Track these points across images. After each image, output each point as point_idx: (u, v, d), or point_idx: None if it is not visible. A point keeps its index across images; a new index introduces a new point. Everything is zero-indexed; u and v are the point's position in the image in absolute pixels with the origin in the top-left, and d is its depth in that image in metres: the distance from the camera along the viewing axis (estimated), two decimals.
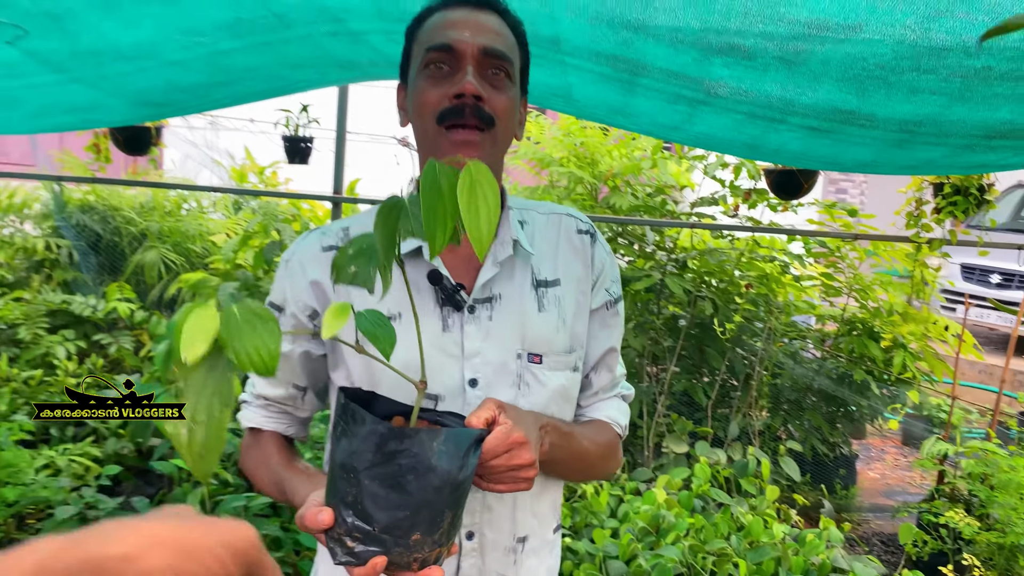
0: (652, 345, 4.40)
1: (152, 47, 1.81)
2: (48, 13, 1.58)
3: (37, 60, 1.82)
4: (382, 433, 0.85)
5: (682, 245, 4.53)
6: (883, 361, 4.40)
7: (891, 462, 5.71)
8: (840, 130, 1.73)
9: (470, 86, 1.08)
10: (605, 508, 3.35)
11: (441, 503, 0.87)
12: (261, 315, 0.71)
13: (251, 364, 0.70)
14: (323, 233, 1.24)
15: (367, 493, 0.85)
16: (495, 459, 0.96)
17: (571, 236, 1.27)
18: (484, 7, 1.16)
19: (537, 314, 1.19)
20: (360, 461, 0.85)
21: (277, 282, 1.24)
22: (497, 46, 1.13)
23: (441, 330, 1.15)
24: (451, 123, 1.10)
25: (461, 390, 1.15)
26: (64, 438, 3.84)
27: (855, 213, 4.27)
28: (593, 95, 1.91)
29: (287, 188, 5.32)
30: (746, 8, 1.30)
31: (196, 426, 0.72)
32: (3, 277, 4.50)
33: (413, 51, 1.19)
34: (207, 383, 0.72)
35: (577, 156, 4.54)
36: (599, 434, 1.27)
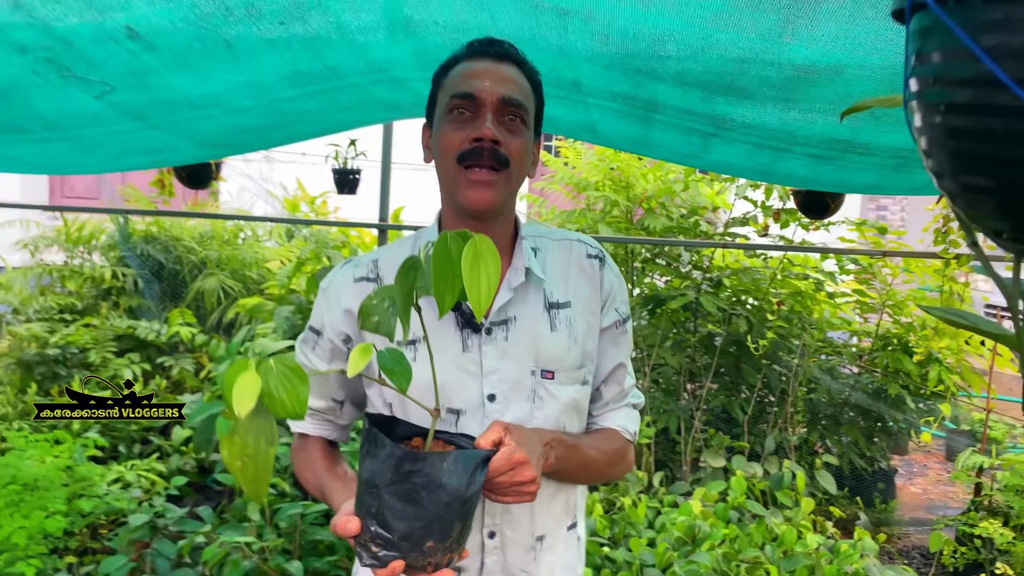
0: (689, 363, 4.53)
1: (219, 97, 2.04)
2: (133, 72, 1.81)
3: (120, 111, 2.06)
4: (399, 456, 1.00)
5: (716, 264, 4.66)
6: (918, 375, 4.47)
7: (933, 477, 5.72)
8: (841, 157, 1.88)
9: (488, 131, 1.21)
10: (643, 519, 3.47)
11: (451, 516, 1.02)
12: (294, 370, 0.89)
13: (285, 411, 0.88)
14: (355, 265, 1.37)
15: (387, 506, 1.01)
16: (500, 477, 1.09)
17: (581, 261, 1.38)
18: (504, 59, 1.29)
19: (549, 334, 1.31)
20: (381, 479, 1.01)
21: (316, 308, 1.38)
22: (514, 95, 1.25)
23: (461, 350, 1.27)
24: (470, 163, 1.23)
25: (481, 404, 1.26)
26: (131, 454, 4.10)
27: (885, 231, 4.37)
28: (614, 129, 2.08)
29: (336, 216, 5.58)
30: (741, 56, 1.47)
31: (247, 460, 0.89)
32: (74, 304, 4.81)
33: (439, 96, 1.32)
34: (254, 426, 0.89)
35: (612, 180, 4.71)
36: (607, 442, 1.40)
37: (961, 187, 0.53)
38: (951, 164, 0.52)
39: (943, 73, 0.50)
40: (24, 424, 3.97)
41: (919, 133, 0.55)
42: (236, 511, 3.10)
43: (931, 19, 0.50)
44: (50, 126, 2.14)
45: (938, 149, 0.53)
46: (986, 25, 0.47)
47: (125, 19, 1.59)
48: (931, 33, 0.51)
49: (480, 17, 1.57)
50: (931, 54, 0.51)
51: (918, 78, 0.53)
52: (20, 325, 4.55)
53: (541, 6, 1.47)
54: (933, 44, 0.51)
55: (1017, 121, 0.46)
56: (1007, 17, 0.47)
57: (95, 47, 1.69)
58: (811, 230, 4.46)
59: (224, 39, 1.71)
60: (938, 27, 0.49)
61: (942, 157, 0.53)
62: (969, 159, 0.51)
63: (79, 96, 1.93)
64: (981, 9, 0.48)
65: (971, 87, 0.48)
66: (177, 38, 1.68)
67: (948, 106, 0.50)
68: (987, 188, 0.51)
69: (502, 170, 1.24)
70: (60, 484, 3.28)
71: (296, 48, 1.78)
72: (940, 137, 0.52)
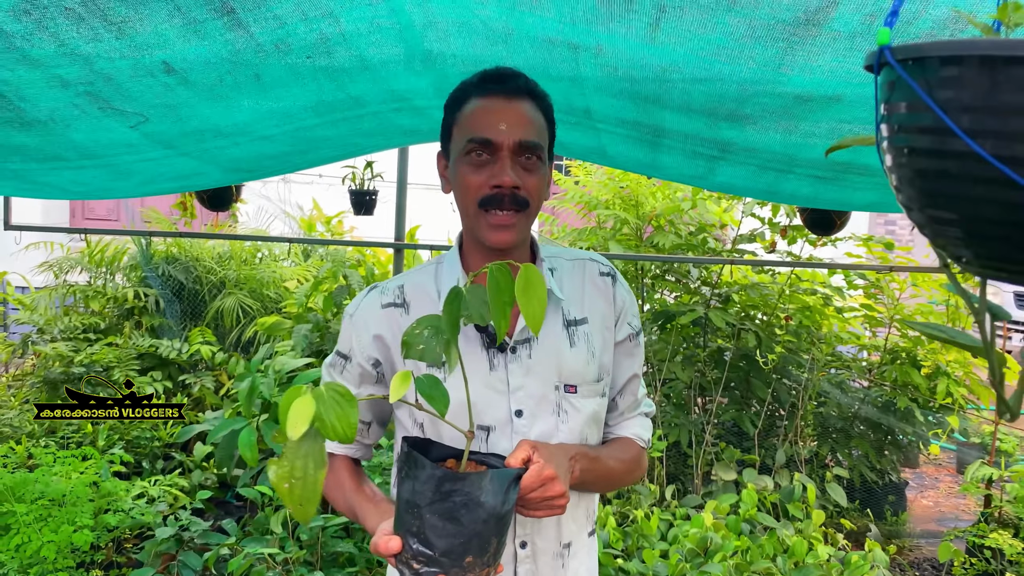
0: (699, 377, 4.60)
1: (246, 125, 2.14)
2: (167, 105, 1.92)
3: (152, 139, 2.16)
4: (439, 477, 1.07)
5: (725, 280, 4.74)
6: (927, 389, 4.52)
7: (944, 490, 5.75)
8: (842, 178, 1.96)
9: (508, 180, 1.26)
10: (655, 532, 3.52)
11: (489, 532, 1.09)
12: (344, 395, 0.96)
13: (335, 435, 0.95)
14: (382, 292, 1.42)
15: (428, 525, 1.07)
16: (531, 493, 1.15)
17: (595, 278, 1.44)
18: (518, 95, 1.31)
19: (569, 350, 1.37)
20: (422, 499, 1.07)
21: (344, 333, 1.42)
22: (530, 137, 1.28)
23: (488, 369, 1.33)
24: (490, 208, 1.28)
25: (509, 420, 1.33)
26: (154, 470, 4.20)
27: (891, 246, 4.43)
28: (624, 152, 2.17)
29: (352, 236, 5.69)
30: (743, 85, 1.56)
31: (295, 482, 0.95)
32: (97, 324, 4.92)
33: (454, 132, 1.34)
34: (302, 449, 0.96)
35: (622, 199, 4.80)
36: (624, 451, 1.48)
37: (927, 219, 0.61)
38: (917, 199, 0.61)
39: (906, 122, 0.59)
40: (51, 441, 4.07)
41: (889, 171, 0.63)
42: (259, 524, 3.18)
43: (895, 75, 0.58)
44: (86, 154, 2.24)
45: (906, 185, 0.61)
46: (941, 82, 0.56)
47: (163, 56, 1.69)
48: (896, 87, 0.59)
49: (497, 51, 1.66)
50: (896, 104, 0.60)
51: (886, 125, 0.62)
52: (46, 344, 4.66)
53: (554, 41, 1.56)
54: (898, 96, 0.59)
55: (968, 164, 0.55)
56: (958, 75, 0.55)
57: (133, 82, 1.79)
58: (818, 246, 4.54)
59: (254, 72, 1.81)
60: (901, 82, 0.58)
61: (910, 192, 0.61)
62: (931, 195, 0.59)
63: (115, 126, 2.04)
64: (937, 68, 0.56)
65: (930, 135, 0.57)
66: (210, 72, 1.78)
67: (911, 150, 0.59)
68: (948, 220, 0.59)
69: (522, 211, 1.30)
70: (87, 499, 3.37)
71: (321, 79, 1.88)
72: (906, 176, 0.60)
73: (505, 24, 1.54)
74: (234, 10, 1.53)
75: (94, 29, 1.57)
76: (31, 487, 3.29)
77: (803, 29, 1.35)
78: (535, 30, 1.55)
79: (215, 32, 1.61)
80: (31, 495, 3.29)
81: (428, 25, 1.60)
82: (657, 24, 1.40)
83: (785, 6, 1.28)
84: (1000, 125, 0.53)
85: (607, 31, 1.47)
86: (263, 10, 1.53)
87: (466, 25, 1.58)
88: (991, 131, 0.53)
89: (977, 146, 0.53)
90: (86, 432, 4.11)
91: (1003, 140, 0.53)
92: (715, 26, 1.38)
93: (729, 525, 3.46)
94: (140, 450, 4.25)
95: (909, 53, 0.56)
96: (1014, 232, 0.56)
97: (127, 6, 1.49)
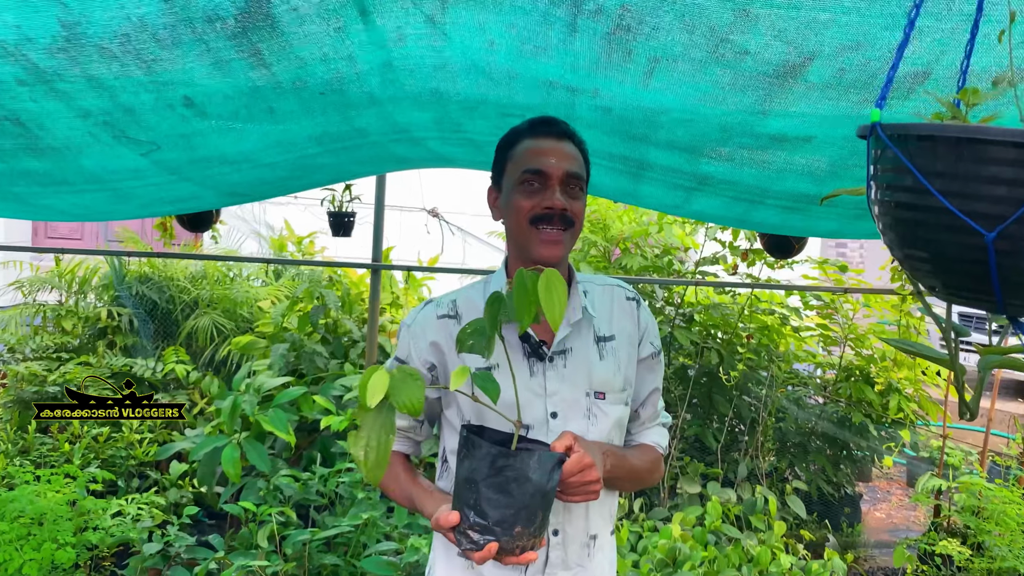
0: (664, 394, 4.75)
1: (252, 154, 2.25)
2: (180, 134, 2.02)
3: (159, 166, 2.26)
4: (494, 454, 1.25)
5: (688, 301, 4.93)
6: (880, 405, 4.75)
7: (896, 503, 6.00)
8: (807, 208, 2.14)
9: (559, 202, 1.48)
10: (626, 543, 3.66)
11: (536, 505, 1.27)
12: (412, 375, 1.17)
13: (405, 407, 1.15)
14: (437, 305, 1.63)
15: (484, 497, 1.26)
16: (572, 477, 1.33)
17: (622, 302, 1.66)
18: (563, 137, 1.56)
19: (599, 362, 1.57)
20: (479, 474, 1.26)
21: (402, 341, 1.63)
22: (575, 169, 1.52)
23: (529, 376, 1.53)
24: (541, 225, 1.49)
25: (545, 421, 1.52)
26: (130, 488, 4.22)
27: (845, 269, 4.67)
28: (607, 183, 2.33)
29: (323, 256, 5.77)
30: (724, 126, 1.73)
31: (369, 449, 1.18)
32: (69, 343, 4.93)
33: (507, 168, 1.57)
34: (377, 421, 1.18)
35: (591, 222, 4.98)
36: (645, 454, 1.68)
37: (905, 256, 0.77)
38: (899, 241, 0.77)
39: (891, 182, 0.75)
40: (25, 461, 4.07)
41: (877, 219, 0.79)
42: (243, 539, 3.24)
43: (883, 145, 0.74)
44: (91, 179, 2.32)
45: (889, 230, 0.77)
46: (918, 152, 0.72)
47: (185, 91, 1.80)
48: (883, 154, 0.75)
49: (499, 91, 1.81)
50: (883, 167, 0.76)
51: (874, 183, 0.77)
52: (17, 364, 4.65)
53: (555, 84, 1.71)
54: (884, 161, 0.75)
55: (940, 215, 0.70)
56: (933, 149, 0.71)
57: (152, 114, 1.89)
58: (777, 268, 4.75)
59: (268, 106, 1.92)
60: (887, 151, 0.74)
61: (892, 236, 0.77)
62: (910, 238, 0.75)
63: (125, 154, 2.13)
64: (916, 142, 0.72)
65: (910, 192, 0.73)
66: (227, 106, 1.90)
67: (896, 203, 0.74)
68: (923, 258, 0.75)
69: (568, 229, 1.51)
70: (67, 517, 3.40)
71: (330, 112, 2.00)
72: (890, 223, 0.76)
73: (510, 68, 1.69)
74: (260, 52, 1.65)
75: (125, 67, 1.67)
76: (11, 506, 3.31)
77: (780, 80, 1.52)
78: (537, 74, 1.70)
79: (239, 70, 1.72)
80: (11, 513, 3.31)
81: (438, 67, 1.74)
82: (651, 73, 1.56)
83: (766, 60, 1.45)
84: (963, 187, 0.69)
85: (605, 77, 1.63)
86: (288, 52, 1.65)
87: (474, 68, 1.72)
88: (956, 191, 0.69)
89: (947, 202, 0.69)
90: (63, 451, 4.11)
91: (965, 198, 0.69)
92: (703, 76, 1.54)
93: (696, 536, 3.61)
94: (115, 468, 4.27)
95: (895, 130, 0.72)
96: (972, 268, 0.72)
97: (162, 47, 1.59)
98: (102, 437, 4.32)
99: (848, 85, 1.51)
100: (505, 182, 1.58)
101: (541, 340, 1.55)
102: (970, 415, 0.86)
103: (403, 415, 1.63)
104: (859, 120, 1.63)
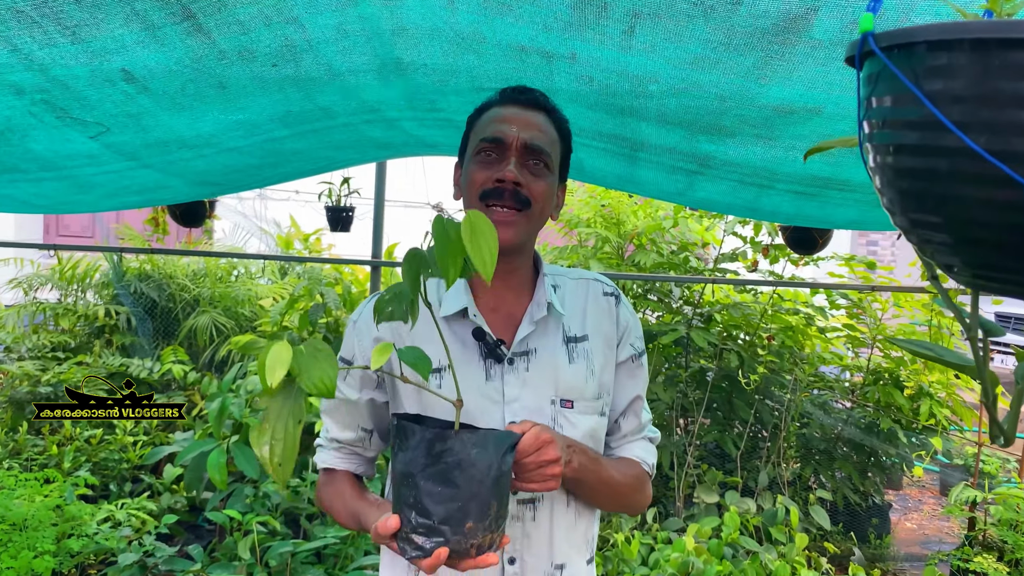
0: (681, 398, 4.54)
1: (212, 137, 2.07)
2: (128, 114, 1.85)
3: (113, 151, 2.09)
4: (429, 438, 1.05)
5: (707, 300, 4.69)
6: (910, 410, 4.48)
7: (928, 512, 5.70)
8: (823, 194, 1.92)
9: (510, 174, 1.29)
10: (636, 556, 3.46)
11: (485, 493, 1.06)
12: (322, 350, 0.96)
13: (316, 388, 0.95)
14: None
15: (424, 492, 1.05)
16: (527, 457, 1.14)
17: (598, 298, 1.45)
18: (532, 106, 1.37)
19: (568, 365, 1.37)
20: (415, 466, 1.05)
21: (346, 339, 1.43)
22: (538, 142, 1.33)
23: (484, 379, 1.33)
24: (491, 202, 1.31)
25: None
26: (122, 493, 4.08)
27: (873, 266, 4.41)
28: (601, 167, 2.12)
29: (330, 254, 5.61)
30: (721, 96, 1.52)
31: (275, 443, 0.96)
32: (67, 343, 4.81)
33: (470, 139, 1.40)
34: (284, 408, 0.97)
35: (603, 217, 4.76)
36: (627, 467, 1.44)
37: (911, 223, 0.56)
38: (901, 202, 0.55)
39: (891, 117, 0.53)
40: (14, 463, 3.95)
41: (872, 172, 0.57)
42: (227, 550, 3.08)
43: (879, 66, 0.53)
44: (45, 166, 2.17)
45: (889, 187, 0.56)
46: (929, 71, 0.50)
47: (121, 63, 1.62)
48: (880, 79, 0.54)
49: (468, 59, 1.61)
50: (880, 99, 0.54)
51: (869, 121, 0.56)
52: (12, 363, 4.54)
53: (527, 49, 1.51)
54: (882, 89, 0.54)
55: (959, 161, 0.49)
56: (949, 63, 0.50)
57: (91, 89, 1.72)
58: (800, 265, 4.50)
59: (218, 81, 1.74)
60: (886, 73, 0.52)
61: (893, 195, 0.56)
62: (917, 197, 0.54)
63: (75, 137, 1.97)
64: (925, 56, 0.51)
65: (917, 130, 0.51)
66: (172, 80, 1.72)
67: (897, 147, 0.53)
68: (935, 224, 0.54)
69: (523, 210, 1.31)
70: (49, 523, 3.26)
71: (288, 89, 1.82)
72: (890, 176, 0.55)
73: (476, 31, 1.49)
74: (194, 15, 1.47)
75: (48, 33, 1.51)
76: None
77: (781, 37, 1.30)
78: (507, 37, 1.50)
79: (175, 38, 1.54)
80: None
81: (397, 32, 1.55)
82: (632, 31, 1.35)
83: (762, 13, 1.24)
84: (995, 117, 0.47)
85: (581, 38, 1.42)
86: (224, 15, 1.47)
87: (437, 32, 1.53)
88: (985, 123, 0.48)
89: (970, 140, 0.48)
90: (52, 454, 3.99)
91: (999, 134, 0.47)
92: (691, 34, 1.33)
93: (711, 549, 3.40)
94: (107, 472, 4.13)
95: (895, 40, 0.51)
96: (1009, 236, 0.50)
97: (82, 8, 1.42)
98: (95, 439, 4.19)
99: None
100: (467, 154, 1.40)
101: (499, 339, 1.34)
102: (1004, 440, 0.64)
103: (347, 425, 1.45)
104: None
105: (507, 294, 1.39)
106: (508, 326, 1.38)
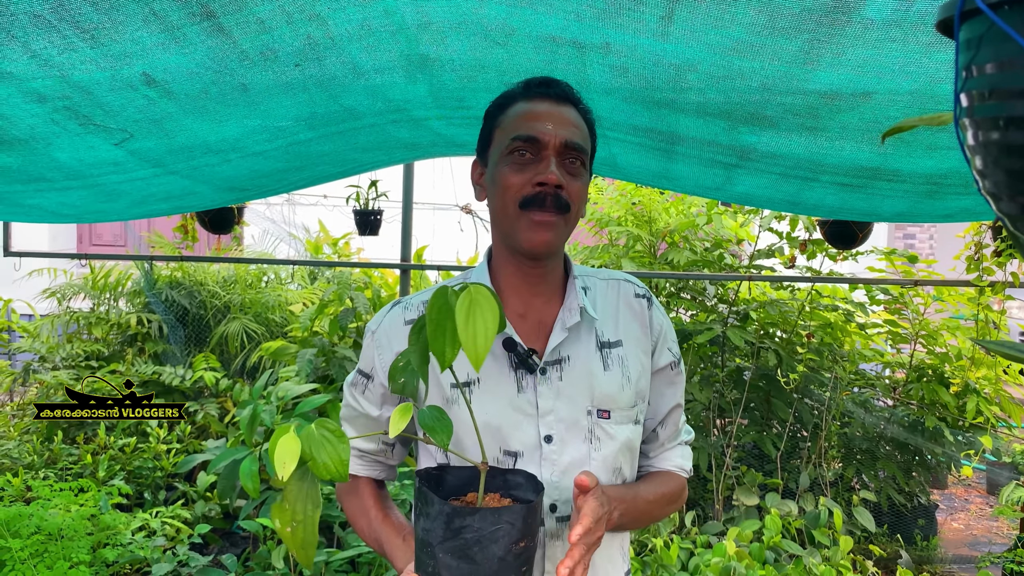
0: (718, 398, 4.44)
1: (237, 141, 2.03)
2: (151, 119, 1.81)
3: (138, 157, 2.06)
4: (448, 513, 0.99)
5: (743, 297, 4.59)
6: (956, 407, 4.34)
7: (976, 512, 5.54)
8: (870, 185, 1.83)
9: (553, 176, 1.20)
10: (675, 561, 3.37)
11: (506, 570, 1.00)
12: (334, 432, 0.93)
13: (328, 473, 0.92)
14: (405, 307, 1.36)
15: (442, 564, 1.00)
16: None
17: (630, 300, 1.37)
18: (563, 100, 1.28)
19: (603, 373, 1.29)
20: (434, 537, 1.00)
21: (365, 351, 1.36)
22: (576, 139, 1.24)
23: (516, 392, 1.25)
24: (532, 209, 1.22)
25: (538, 446, 1.25)
26: (157, 501, 4.07)
27: (915, 259, 4.28)
28: (635, 163, 2.05)
29: (359, 258, 5.58)
30: (764, 84, 1.44)
31: (297, 524, 0.96)
32: (100, 351, 4.82)
33: (495, 135, 1.30)
34: (300, 491, 0.96)
35: (634, 215, 4.67)
36: (663, 485, 1.38)
37: (1022, 208, 0.48)
38: (1010, 184, 0.48)
39: (999, 85, 0.46)
40: (50, 472, 3.96)
41: (972, 152, 0.50)
42: (260, 559, 3.05)
43: (984, 27, 0.46)
44: (71, 175, 2.14)
45: (994, 168, 0.48)
46: None
47: (142, 66, 1.58)
48: (984, 42, 0.47)
49: (497, 54, 1.55)
50: (985, 65, 0.47)
51: (970, 92, 0.49)
52: (47, 373, 4.56)
53: (559, 40, 1.44)
54: (987, 54, 0.46)
55: None
56: None
57: (113, 95, 1.68)
58: (839, 260, 4.38)
59: (240, 83, 1.70)
60: (992, 34, 0.45)
61: (999, 176, 0.48)
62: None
63: (98, 144, 1.94)
64: None
65: None
66: (193, 83, 1.68)
67: (1006, 120, 0.46)
68: None
69: (563, 214, 1.24)
70: (84, 533, 3.25)
71: (312, 90, 1.77)
72: (997, 155, 0.48)
73: (504, 23, 1.43)
74: (214, 13, 1.42)
75: (67, 38, 1.47)
76: (27, 521, 3.18)
77: (830, 18, 1.22)
78: (537, 28, 1.43)
79: (195, 39, 1.50)
80: (27, 530, 3.18)
81: (423, 27, 1.49)
82: (670, 17, 1.28)
83: None
84: None
85: (616, 26, 1.36)
86: (244, 13, 1.42)
87: (463, 25, 1.47)
88: None
89: None
90: (86, 463, 3.99)
91: None
92: (733, 18, 1.26)
93: (752, 553, 3.31)
94: (142, 480, 4.13)
95: None
96: None
97: (100, 12, 1.38)
98: (129, 448, 4.19)
99: (916, 21, 1.20)
100: (492, 153, 1.30)
101: (531, 348, 1.27)
102: None
103: (370, 437, 1.39)
104: (928, 70, 1.32)
105: (536, 299, 1.32)
106: (539, 334, 1.30)
